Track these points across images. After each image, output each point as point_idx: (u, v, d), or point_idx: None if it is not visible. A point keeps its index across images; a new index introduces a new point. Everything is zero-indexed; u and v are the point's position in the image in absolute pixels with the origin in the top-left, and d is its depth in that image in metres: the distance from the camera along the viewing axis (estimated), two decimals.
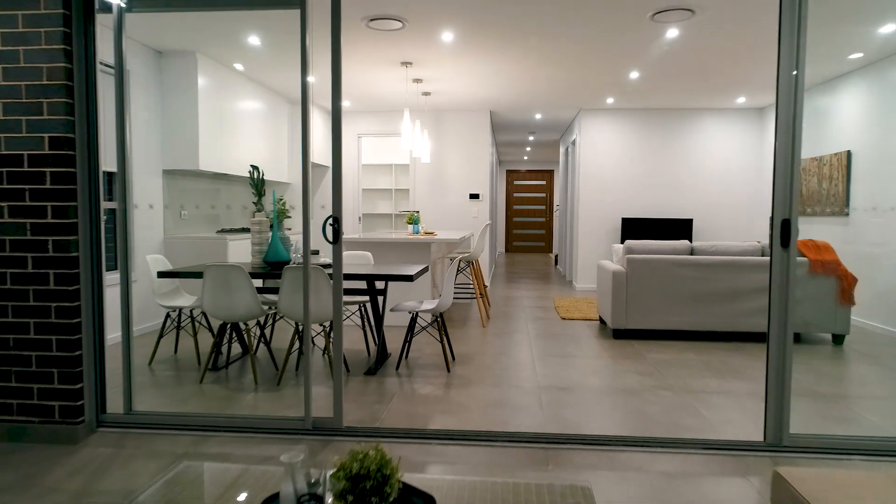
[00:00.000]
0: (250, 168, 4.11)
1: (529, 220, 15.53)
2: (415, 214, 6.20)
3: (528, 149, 13.19)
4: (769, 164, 7.89)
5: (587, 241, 8.49)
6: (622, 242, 8.22)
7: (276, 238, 4.01)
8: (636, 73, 6.18)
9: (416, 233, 6.10)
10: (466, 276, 7.67)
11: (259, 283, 4.88)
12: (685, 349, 4.80)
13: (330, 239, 2.88)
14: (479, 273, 6.26)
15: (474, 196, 8.44)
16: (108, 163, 4.39)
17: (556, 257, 11.86)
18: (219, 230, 6.29)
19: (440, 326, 4.28)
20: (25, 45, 2.76)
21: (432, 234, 6.04)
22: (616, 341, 5.06)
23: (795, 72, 2.64)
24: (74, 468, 2.60)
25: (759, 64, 5.73)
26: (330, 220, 2.87)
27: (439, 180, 8.48)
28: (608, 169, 8.36)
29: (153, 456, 2.72)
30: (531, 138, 11.48)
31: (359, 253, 4.81)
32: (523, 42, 5.07)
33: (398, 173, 10.35)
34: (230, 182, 6.74)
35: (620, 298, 5.08)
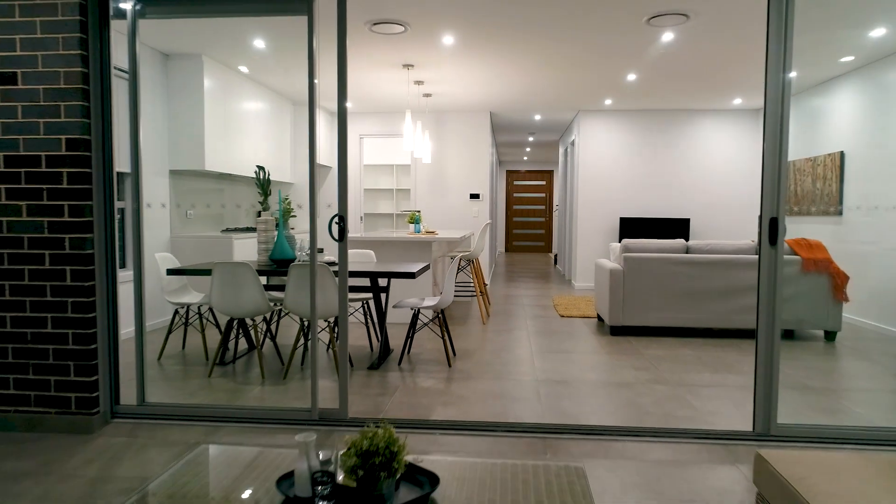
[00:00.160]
0: (256, 168, 4.22)
1: (529, 220, 15.63)
2: (416, 214, 6.31)
3: (527, 149, 13.30)
4: None
5: (586, 241, 8.60)
6: (620, 242, 8.33)
7: (281, 236, 4.12)
8: (633, 76, 6.29)
9: (418, 232, 6.21)
10: (467, 275, 7.78)
11: (264, 280, 4.99)
12: (680, 345, 4.91)
13: (336, 237, 3.00)
14: (480, 271, 6.38)
15: (474, 196, 8.56)
16: (120, 163, 4.50)
17: (556, 257, 11.96)
18: (223, 229, 6.40)
19: (441, 323, 4.40)
20: (44, 51, 2.88)
21: (433, 233, 6.15)
22: (613, 338, 5.18)
23: (782, 76, 2.76)
24: (91, 456, 2.72)
25: (753, 66, 5.85)
26: (336, 219, 2.99)
27: (440, 180, 8.59)
28: (607, 169, 8.47)
29: (166, 445, 2.83)
30: (531, 139, 11.59)
31: (362, 251, 4.92)
32: (522, 45, 5.19)
33: (399, 173, 10.46)
34: (234, 182, 6.86)
35: (617, 296, 5.19)
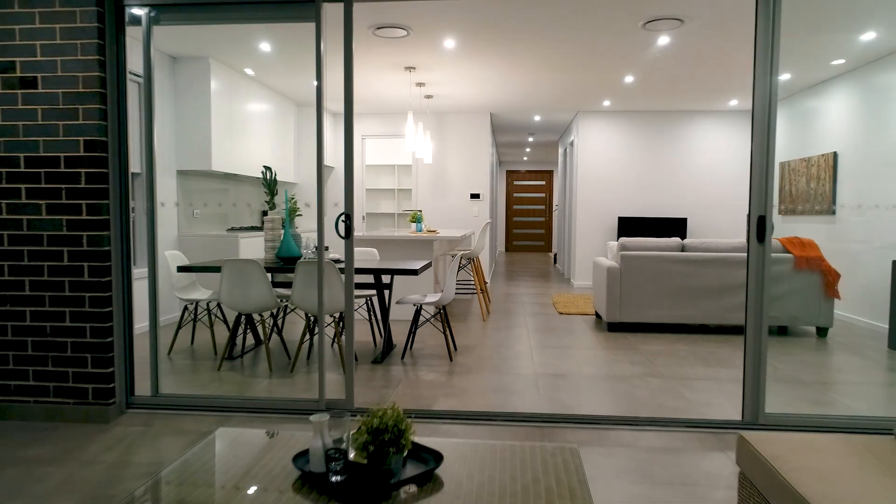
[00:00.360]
0: (263, 169, 4.35)
1: (529, 220, 15.76)
2: (418, 213, 6.44)
3: (527, 150, 13.42)
4: None
5: (585, 240, 8.72)
6: (618, 240, 8.45)
7: (287, 235, 4.24)
8: (631, 78, 6.42)
9: (420, 231, 6.34)
10: (468, 273, 7.91)
11: (270, 277, 5.12)
12: (676, 341, 5.04)
13: (342, 234, 3.13)
14: (480, 270, 6.50)
15: (475, 196, 8.69)
16: (132, 164, 4.62)
17: (556, 256, 12.09)
18: (229, 228, 6.53)
19: (443, 318, 4.52)
20: (63, 56, 3.01)
21: (435, 232, 6.28)
22: (610, 334, 5.30)
23: (769, 79, 2.88)
24: (109, 444, 2.85)
25: (747, 69, 5.98)
26: (342, 217, 3.11)
27: (441, 180, 8.72)
28: (605, 169, 8.60)
29: (180, 433, 2.96)
30: (530, 139, 11.72)
31: (365, 249, 5.05)
32: (522, 48, 5.31)
33: (401, 174, 10.59)
34: (238, 182, 6.99)
35: (615, 293, 5.32)
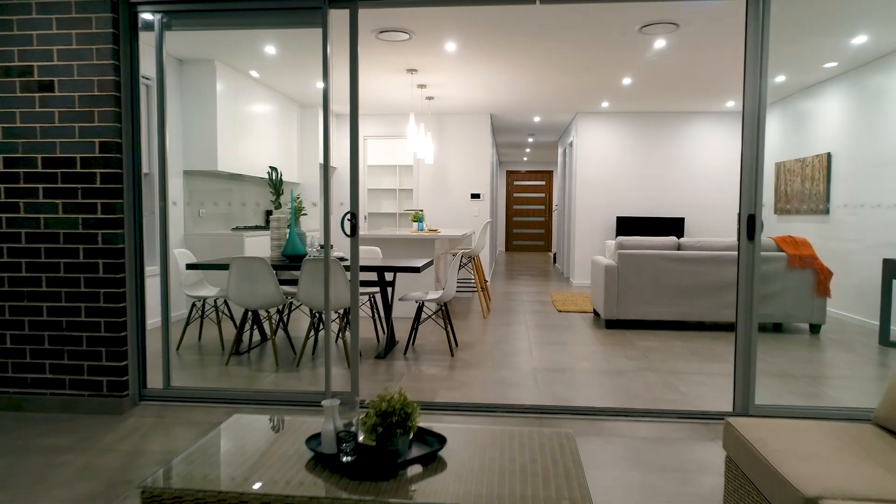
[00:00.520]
0: (269, 169, 4.46)
1: (529, 220, 15.88)
2: (420, 213, 6.56)
3: (527, 150, 13.54)
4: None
5: (584, 239, 8.84)
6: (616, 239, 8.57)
7: (293, 233, 4.36)
8: (629, 80, 6.53)
9: (421, 230, 6.46)
10: (468, 271, 8.02)
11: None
12: (672, 337, 5.15)
13: (348, 232, 3.24)
14: (480, 268, 6.62)
15: (475, 196, 8.80)
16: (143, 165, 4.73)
17: (555, 256, 12.21)
18: (234, 227, 6.65)
19: (444, 315, 4.64)
20: (79, 61, 3.12)
21: (436, 231, 6.40)
22: (608, 331, 5.42)
23: (759, 82, 3.00)
24: (124, 434, 2.96)
25: (741, 71, 6.08)
26: (348, 216, 3.23)
27: (442, 180, 8.84)
28: (604, 170, 8.71)
29: (192, 424, 3.08)
30: (530, 140, 11.84)
31: (368, 248, 5.17)
32: (521, 51, 5.43)
33: (402, 174, 10.71)
34: (243, 182, 7.10)
35: (612, 291, 5.43)
